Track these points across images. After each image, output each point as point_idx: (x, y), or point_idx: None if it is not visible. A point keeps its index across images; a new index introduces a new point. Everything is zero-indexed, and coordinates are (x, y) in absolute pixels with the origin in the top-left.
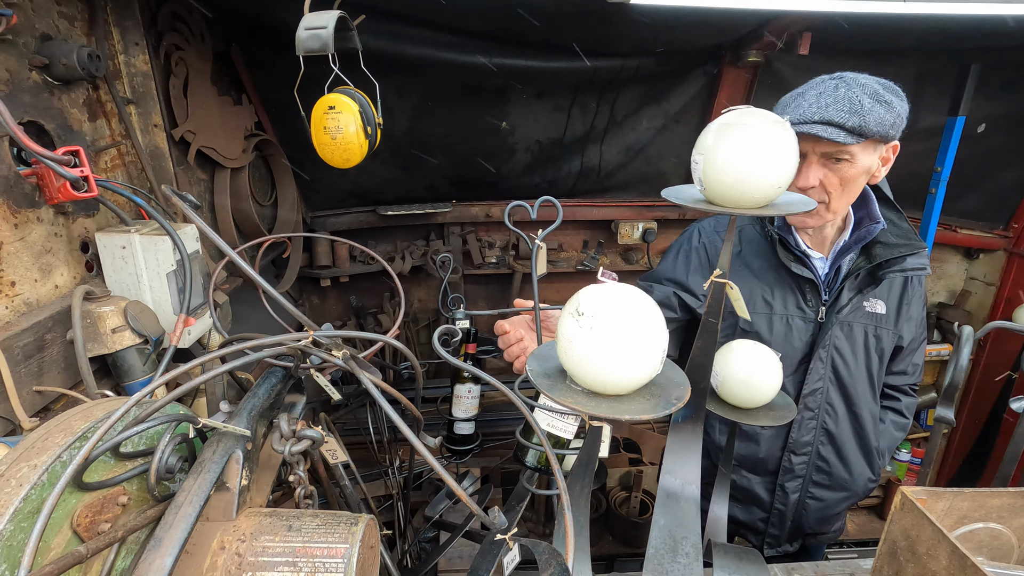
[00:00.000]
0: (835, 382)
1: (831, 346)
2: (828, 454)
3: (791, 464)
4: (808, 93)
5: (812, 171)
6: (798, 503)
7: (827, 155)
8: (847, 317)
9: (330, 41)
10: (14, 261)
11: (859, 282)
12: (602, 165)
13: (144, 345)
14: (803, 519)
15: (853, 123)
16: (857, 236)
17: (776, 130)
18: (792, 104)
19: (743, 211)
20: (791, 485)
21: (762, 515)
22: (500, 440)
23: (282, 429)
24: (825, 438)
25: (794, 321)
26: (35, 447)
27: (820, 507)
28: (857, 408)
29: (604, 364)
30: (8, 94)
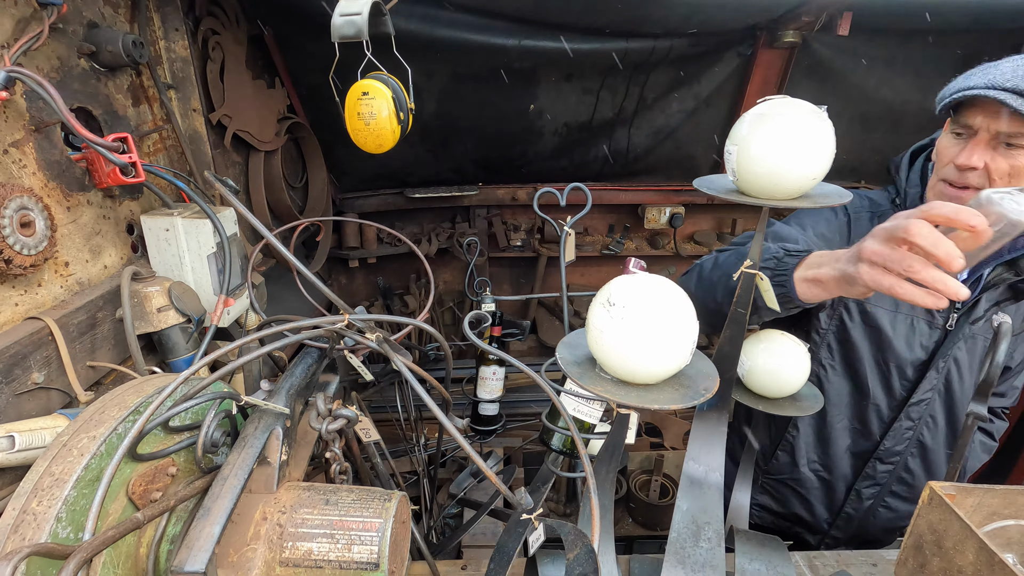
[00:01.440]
0: (943, 395)
1: (950, 358)
2: (916, 466)
3: (874, 471)
4: (1005, 63)
5: (978, 151)
6: (869, 510)
7: (1003, 136)
8: (979, 330)
9: (365, 27)
10: (67, 243)
11: (999, 294)
12: (630, 149)
13: (187, 324)
14: (870, 526)
15: None
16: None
17: (812, 120)
18: (980, 71)
19: (775, 202)
20: (868, 492)
21: (828, 517)
22: (524, 421)
23: (319, 408)
24: (917, 450)
25: (919, 324)
26: (93, 420)
27: (891, 517)
28: (958, 424)
29: (634, 354)
30: (59, 81)
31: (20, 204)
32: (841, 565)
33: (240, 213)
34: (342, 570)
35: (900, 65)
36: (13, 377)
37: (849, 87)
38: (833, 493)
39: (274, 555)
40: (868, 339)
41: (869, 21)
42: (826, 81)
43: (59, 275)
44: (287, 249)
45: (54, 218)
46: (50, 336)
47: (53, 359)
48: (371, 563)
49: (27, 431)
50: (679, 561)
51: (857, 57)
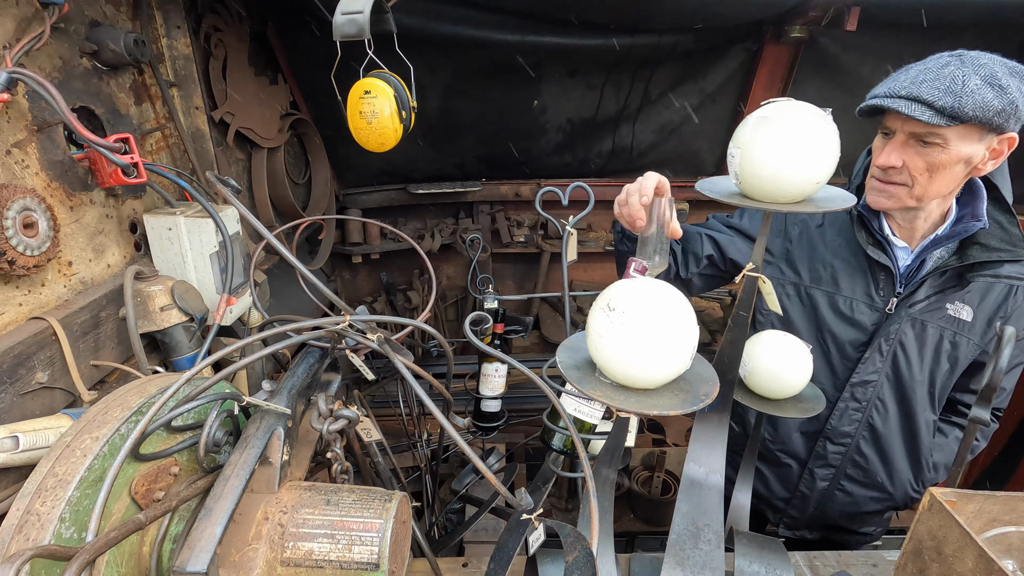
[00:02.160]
0: (892, 379)
1: (895, 341)
2: (868, 451)
3: (824, 451)
4: (913, 67)
5: (896, 150)
6: (825, 492)
7: (916, 135)
8: (921, 315)
9: (366, 26)
10: (70, 242)
11: (943, 281)
12: (634, 144)
13: (190, 323)
14: (827, 509)
15: (944, 103)
16: (952, 231)
17: (816, 124)
18: (891, 78)
19: (778, 207)
20: (821, 472)
21: (784, 495)
22: (526, 417)
23: (320, 408)
24: (868, 433)
25: (858, 306)
26: (96, 420)
27: (848, 501)
28: (912, 412)
29: (633, 360)
30: (61, 81)
31: (23, 205)
32: (841, 565)
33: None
34: (343, 570)
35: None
36: (17, 377)
37: (856, 83)
38: (788, 471)
39: (275, 555)
40: (807, 319)
41: (877, 16)
42: (833, 77)
43: (62, 275)
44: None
45: (57, 218)
46: (53, 336)
47: (57, 359)
48: (371, 563)
49: (31, 431)
50: (679, 563)
51: (864, 52)
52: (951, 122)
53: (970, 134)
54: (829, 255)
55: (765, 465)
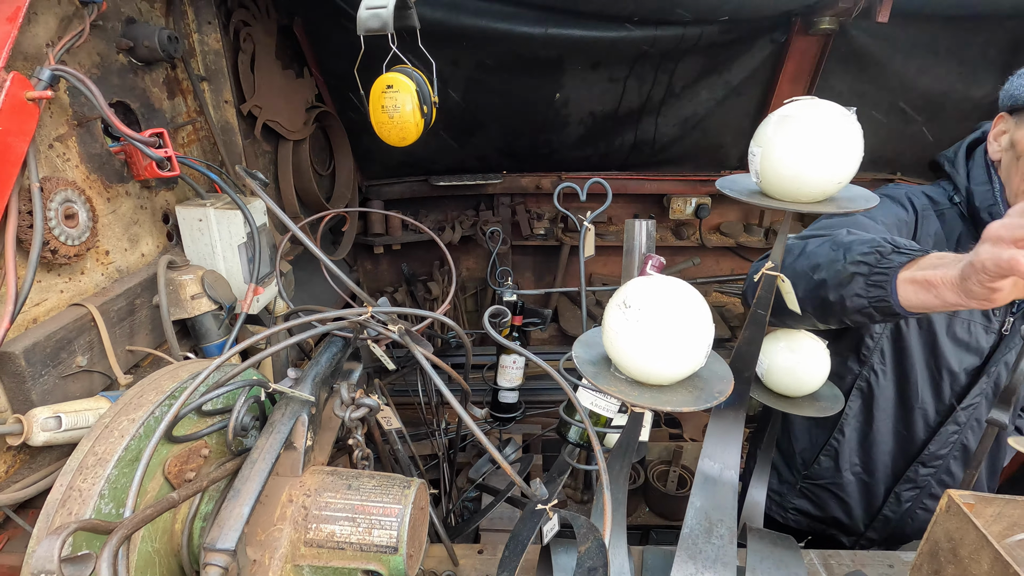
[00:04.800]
0: (990, 398)
1: (1002, 361)
2: (957, 469)
3: (915, 475)
4: None
5: None
6: (907, 512)
7: None
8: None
9: (390, 21)
10: (107, 232)
11: None
12: (657, 138)
13: (219, 311)
14: (907, 528)
15: None
16: None
17: (840, 123)
18: None
19: (798, 206)
20: (907, 495)
21: (865, 520)
22: (543, 408)
23: (343, 396)
24: (960, 453)
25: (975, 328)
26: (132, 403)
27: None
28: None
29: (648, 357)
30: (99, 77)
31: (65, 197)
32: (856, 565)
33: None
34: (363, 552)
35: (942, 52)
36: (59, 360)
37: (887, 75)
38: (872, 496)
39: (299, 535)
40: (923, 345)
41: (909, 6)
42: (864, 70)
43: (100, 263)
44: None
45: (95, 209)
46: (92, 322)
47: (95, 344)
48: (390, 547)
49: (72, 412)
50: (690, 556)
51: (896, 44)
52: None
53: None
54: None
55: (849, 493)
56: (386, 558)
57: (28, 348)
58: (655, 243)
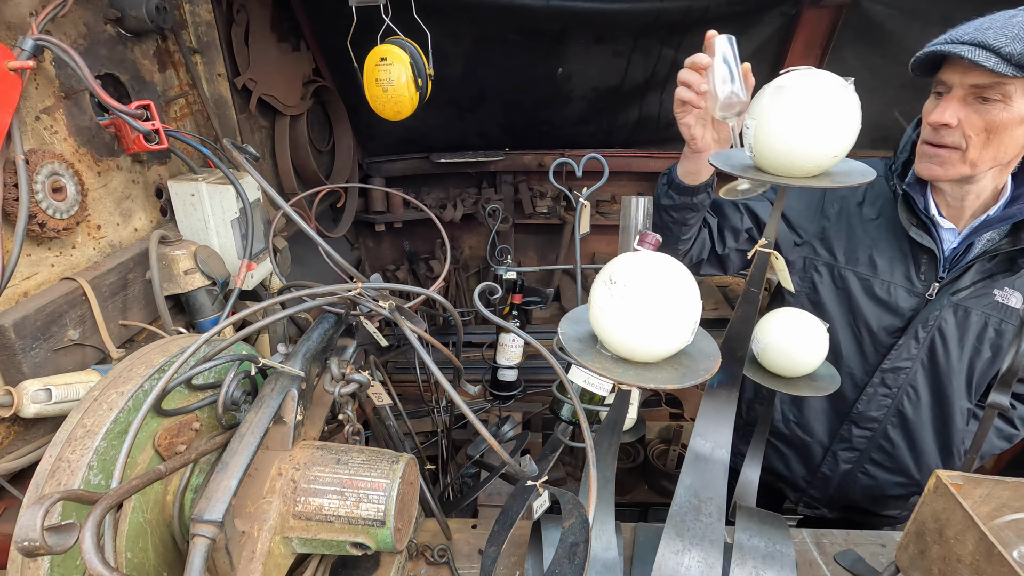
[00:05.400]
0: (928, 367)
1: (933, 328)
2: (896, 436)
3: (849, 435)
4: (978, 19)
5: (952, 106)
6: (848, 474)
7: (976, 89)
8: (964, 301)
9: None
10: (98, 206)
11: (992, 266)
12: (662, 114)
13: (212, 286)
14: (849, 491)
15: (1012, 49)
16: (1004, 214)
17: (837, 93)
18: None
19: (792, 181)
20: (844, 455)
21: (805, 475)
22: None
23: (333, 372)
24: (897, 419)
25: (896, 290)
26: (121, 376)
27: (871, 485)
28: (946, 400)
29: (633, 333)
30: (87, 48)
31: (51, 170)
32: (850, 544)
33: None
34: (351, 525)
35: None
36: (50, 334)
37: (901, 50)
38: (810, 453)
39: (288, 508)
40: (839, 302)
41: None
42: (877, 43)
43: (92, 238)
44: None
45: (84, 183)
46: (84, 296)
47: (87, 317)
48: (378, 520)
49: (63, 385)
50: (678, 534)
51: (913, 17)
52: (1018, 72)
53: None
54: (868, 236)
55: (786, 445)
56: (374, 531)
57: (18, 321)
58: (651, 221)
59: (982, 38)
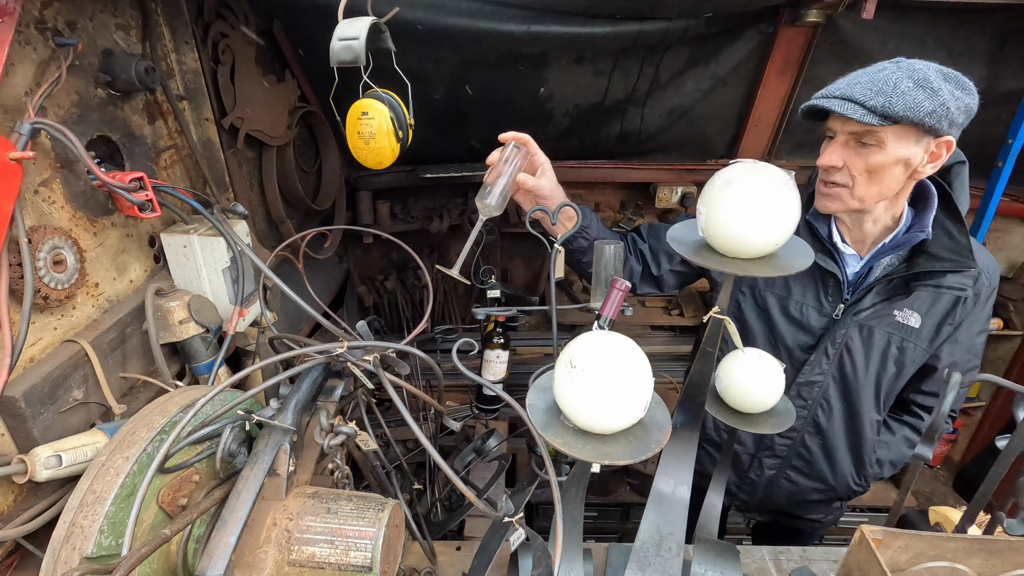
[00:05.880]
0: (839, 381)
1: (841, 345)
2: (813, 445)
3: (772, 442)
4: (853, 73)
5: (836, 151)
6: (772, 479)
7: (855, 136)
8: (867, 321)
9: (362, 53)
10: (96, 265)
11: (890, 288)
12: (643, 128)
13: (206, 334)
14: (774, 495)
15: (876, 102)
16: (902, 240)
17: (778, 190)
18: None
19: (741, 265)
20: (769, 461)
21: (736, 480)
22: None
23: (322, 423)
24: (813, 429)
25: (808, 311)
26: (126, 440)
27: (793, 490)
28: (857, 413)
29: (592, 412)
30: (79, 115)
31: (52, 245)
32: (804, 561)
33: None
34: (341, 571)
35: (931, 45)
36: (57, 397)
37: None
38: (739, 459)
39: (283, 556)
40: (760, 320)
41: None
42: (852, 60)
43: (91, 296)
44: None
45: (83, 249)
46: (86, 356)
47: (90, 376)
48: (365, 567)
49: (71, 449)
50: (640, 568)
51: (885, 35)
52: (884, 121)
53: (906, 135)
54: None
55: (719, 452)
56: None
57: (27, 391)
58: (623, 266)
59: (851, 93)
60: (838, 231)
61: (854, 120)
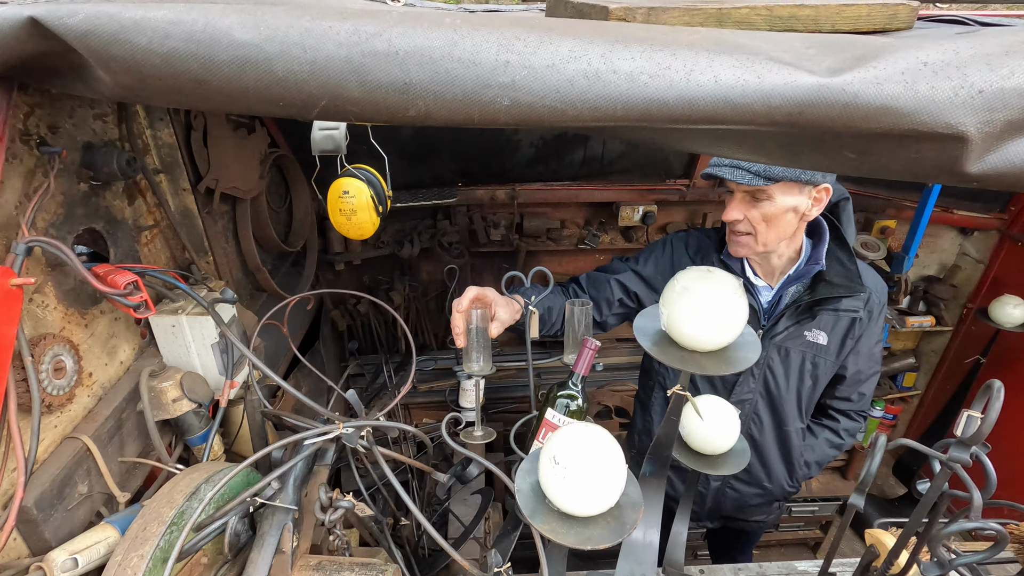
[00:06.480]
0: (765, 397)
1: (764, 365)
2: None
3: None
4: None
5: (736, 207)
6: (718, 490)
7: (748, 193)
8: (783, 342)
9: (343, 143)
10: (89, 355)
11: (798, 313)
12: (605, 154)
13: (199, 408)
14: (721, 504)
15: (758, 168)
16: (803, 270)
17: (728, 297)
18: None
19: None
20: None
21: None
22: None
23: (321, 500)
24: (749, 442)
25: None
26: (139, 537)
27: (736, 497)
28: (784, 423)
29: (575, 501)
30: (65, 215)
31: (53, 354)
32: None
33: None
34: None
35: None
36: (64, 496)
37: None
38: (685, 473)
39: None
40: None
41: None
42: None
43: (86, 387)
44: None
45: (78, 348)
46: (87, 451)
47: (92, 469)
48: None
49: (85, 549)
50: None
51: None
52: (768, 182)
53: (790, 188)
54: None
55: (671, 471)
56: None
57: (38, 498)
58: (592, 327)
59: (737, 160)
60: (750, 267)
61: (739, 184)
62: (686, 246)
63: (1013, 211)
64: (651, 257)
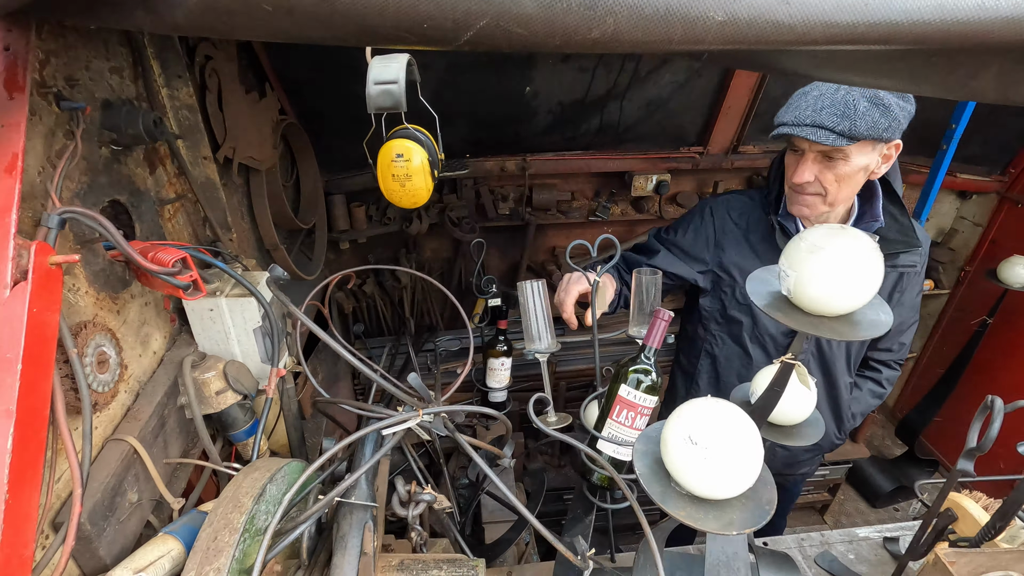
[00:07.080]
0: (817, 357)
1: None
2: None
3: None
4: (810, 94)
5: (808, 167)
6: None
7: (823, 153)
8: None
9: (402, 98)
10: (123, 345)
11: None
12: (621, 121)
13: (244, 400)
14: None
15: (843, 127)
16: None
17: (868, 256)
18: (793, 104)
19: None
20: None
21: None
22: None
23: (400, 494)
24: None
25: None
26: (210, 549)
27: (787, 455)
28: (834, 379)
29: (715, 484)
30: (90, 184)
31: (95, 344)
32: (824, 544)
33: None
34: None
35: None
36: (116, 507)
37: None
38: None
39: None
40: (744, 314)
41: None
42: None
43: (123, 382)
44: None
45: (118, 339)
46: (135, 453)
47: (141, 473)
48: None
49: (149, 566)
50: None
51: None
52: (849, 141)
53: (865, 146)
54: (758, 257)
55: None
56: None
57: (91, 511)
58: (661, 296)
59: (819, 120)
60: (802, 227)
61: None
62: (728, 211)
63: (1013, 173)
64: (689, 227)
